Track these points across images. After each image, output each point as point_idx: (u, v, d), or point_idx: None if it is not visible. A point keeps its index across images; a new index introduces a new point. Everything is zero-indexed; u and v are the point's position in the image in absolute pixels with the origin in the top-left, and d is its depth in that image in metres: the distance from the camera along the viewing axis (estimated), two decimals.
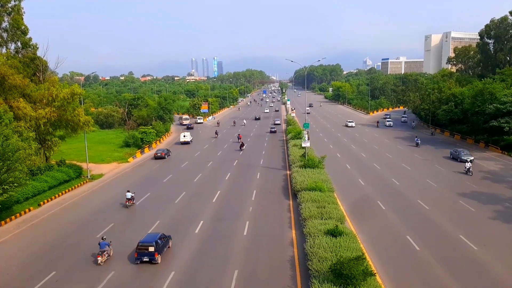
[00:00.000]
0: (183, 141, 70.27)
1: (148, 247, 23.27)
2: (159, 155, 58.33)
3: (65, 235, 28.67)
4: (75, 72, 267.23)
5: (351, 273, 17.73)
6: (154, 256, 23.23)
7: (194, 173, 46.62)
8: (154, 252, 23.25)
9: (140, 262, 23.28)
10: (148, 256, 23.24)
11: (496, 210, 31.45)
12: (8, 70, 40.64)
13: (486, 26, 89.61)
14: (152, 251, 23.18)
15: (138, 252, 23.39)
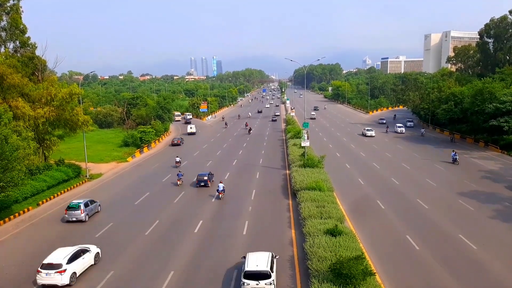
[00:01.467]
0: (190, 132, 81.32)
1: (204, 177, 39.77)
2: (175, 142, 68.13)
3: (64, 234, 28.59)
4: (74, 71, 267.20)
5: (351, 273, 17.69)
6: (207, 182, 39.67)
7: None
8: (207, 180, 39.69)
9: (199, 186, 39.53)
10: (204, 182, 39.50)
11: (496, 209, 31.42)
12: (6, 70, 40.57)
13: (486, 25, 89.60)
14: (206, 179, 39.68)
15: (198, 180, 39.89)
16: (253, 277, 18.80)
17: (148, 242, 26.55)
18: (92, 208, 32.42)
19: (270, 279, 18.83)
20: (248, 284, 18.67)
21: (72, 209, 30.81)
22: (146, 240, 26.90)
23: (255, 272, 18.96)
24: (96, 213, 33.06)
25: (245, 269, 19.23)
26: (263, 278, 18.76)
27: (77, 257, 21.95)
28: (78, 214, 30.75)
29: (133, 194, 38.38)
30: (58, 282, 20.57)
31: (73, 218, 30.76)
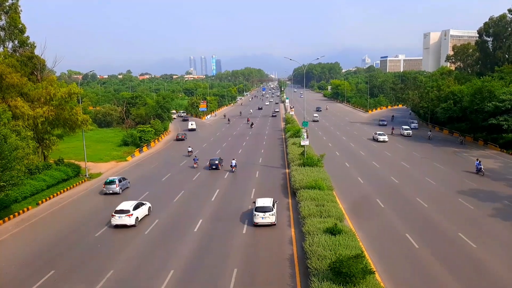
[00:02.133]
0: (190, 128, 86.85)
1: (215, 161, 47.33)
2: (180, 137, 73.31)
3: (64, 234, 28.58)
4: (73, 70, 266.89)
5: (350, 271, 17.71)
6: (218, 165, 47.19)
7: (192, 172, 46.96)
8: (218, 164, 47.25)
9: (211, 168, 46.97)
10: (215, 166, 47.03)
11: (495, 208, 31.46)
12: (5, 69, 40.54)
13: (485, 24, 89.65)
14: (217, 163, 47.17)
15: (210, 164, 47.41)
16: (261, 210, 28.31)
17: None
18: (124, 183, 40.37)
19: (272, 212, 28.35)
20: (258, 215, 28.15)
21: (109, 183, 38.81)
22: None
23: (262, 207, 28.61)
24: (126, 188, 40.40)
25: (256, 206, 28.80)
26: (268, 211, 28.19)
27: (138, 207, 30.58)
28: (114, 188, 38.69)
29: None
30: (127, 222, 29.25)
31: (110, 191, 38.70)
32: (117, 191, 38.37)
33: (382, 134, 65.97)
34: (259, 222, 28.08)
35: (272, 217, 28.11)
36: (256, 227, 28.25)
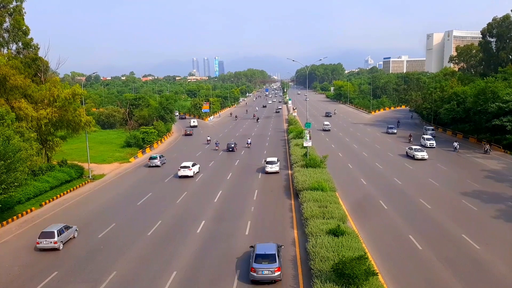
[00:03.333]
0: (192, 125, 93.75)
1: (231, 145, 60.29)
2: (188, 132, 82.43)
3: None
4: (76, 72, 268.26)
5: (353, 273, 17.66)
6: (234, 148, 59.54)
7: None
8: (233, 147, 59.56)
9: (228, 151, 59.19)
10: (231, 148, 59.50)
11: (499, 209, 31.31)
12: (9, 71, 40.72)
13: (488, 25, 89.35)
14: (233, 146, 59.82)
15: (228, 147, 59.98)
16: (263, 258, 20.84)
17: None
18: (163, 160, 53.17)
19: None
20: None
21: (152, 159, 51.58)
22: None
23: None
24: (164, 164, 52.56)
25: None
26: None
27: (195, 165, 46.48)
28: (156, 162, 51.21)
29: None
30: (188, 174, 44.31)
31: (153, 165, 51.03)
32: (158, 164, 51.26)
33: (420, 149, 52.33)
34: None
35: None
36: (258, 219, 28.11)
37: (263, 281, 20.38)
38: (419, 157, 50.86)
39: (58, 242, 26.03)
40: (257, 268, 20.24)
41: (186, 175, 44.24)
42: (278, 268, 20.33)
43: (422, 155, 51.12)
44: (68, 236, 27.56)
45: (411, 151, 52.62)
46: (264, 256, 20.77)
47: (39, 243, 26.11)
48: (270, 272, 20.17)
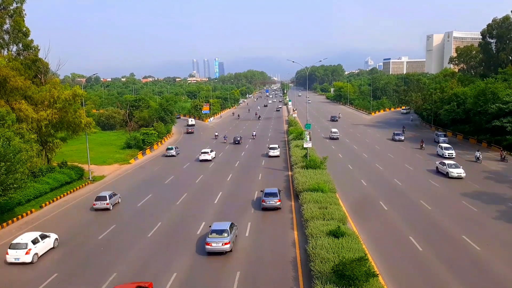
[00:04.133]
0: (190, 124, 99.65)
1: (238, 138, 70.16)
2: (190, 131, 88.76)
3: (67, 237, 28.62)
4: (76, 73, 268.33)
5: (354, 274, 17.64)
6: (239, 141, 68.87)
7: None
8: (239, 140, 69.32)
9: (235, 143, 68.42)
10: (237, 141, 68.88)
11: (499, 210, 31.30)
12: (9, 72, 40.74)
13: (488, 26, 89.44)
14: (239, 139, 69.56)
15: (234, 140, 69.48)
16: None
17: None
18: (178, 151, 61.44)
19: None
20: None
21: (169, 149, 60.34)
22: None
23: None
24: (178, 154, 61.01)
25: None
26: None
27: (212, 151, 56.12)
28: (172, 152, 59.78)
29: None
30: (207, 158, 54.14)
31: (169, 154, 59.92)
32: (174, 154, 59.77)
33: (455, 165, 42.56)
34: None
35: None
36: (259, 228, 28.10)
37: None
38: (454, 175, 41.15)
39: (109, 203, 33.85)
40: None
41: (206, 159, 54.31)
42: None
43: (458, 173, 41.25)
44: (115, 201, 35.42)
45: (443, 166, 43.19)
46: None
47: (95, 204, 33.77)
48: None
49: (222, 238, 23.96)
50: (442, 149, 53.69)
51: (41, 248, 24.98)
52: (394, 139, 68.25)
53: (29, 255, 23.77)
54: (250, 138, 74.70)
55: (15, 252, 23.76)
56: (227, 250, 23.91)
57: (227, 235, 24.14)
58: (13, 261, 23.76)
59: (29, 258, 23.75)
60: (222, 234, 24.23)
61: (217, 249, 23.87)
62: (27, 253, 23.75)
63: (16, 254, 23.74)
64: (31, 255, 23.85)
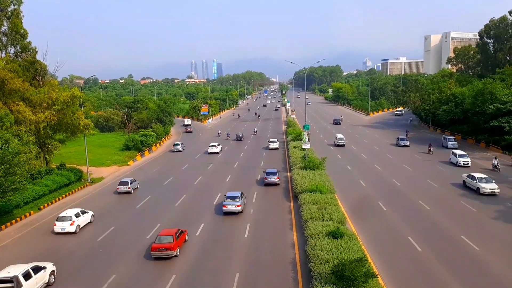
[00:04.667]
0: (187, 123, 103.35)
1: (240, 135, 74.65)
2: (189, 130, 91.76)
3: (66, 238, 28.58)
4: (74, 75, 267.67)
5: (353, 275, 17.64)
6: (241, 138, 73.55)
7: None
8: (241, 137, 73.47)
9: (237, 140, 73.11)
10: (240, 138, 73.00)
11: (498, 210, 31.36)
12: (7, 74, 40.67)
13: (486, 26, 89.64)
14: (241, 136, 73.93)
15: (237, 136, 73.88)
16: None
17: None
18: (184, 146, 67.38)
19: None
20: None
21: (176, 145, 65.74)
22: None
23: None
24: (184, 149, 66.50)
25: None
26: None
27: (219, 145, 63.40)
28: (179, 148, 65.20)
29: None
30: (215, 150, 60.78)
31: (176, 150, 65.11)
32: (180, 149, 64.87)
33: (487, 179, 36.67)
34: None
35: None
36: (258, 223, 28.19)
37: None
38: (486, 191, 35.16)
39: (131, 188, 39.58)
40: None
41: (214, 151, 60.82)
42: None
43: (491, 188, 35.25)
44: (136, 185, 41.05)
45: (473, 181, 37.02)
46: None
47: (119, 188, 39.49)
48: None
49: (235, 202, 31.73)
50: (456, 156, 47.88)
51: (82, 221, 30.21)
52: (398, 145, 63.00)
53: (73, 226, 28.98)
54: (252, 134, 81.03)
55: (62, 224, 28.85)
56: (239, 211, 31.66)
57: (238, 200, 31.90)
58: (59, 231, 28.88)
59: (73, 228, 28.95)
60: (234, 199, 31.97)
61: (232, 210, 31.63)
62: (71, 224, 28.94)
63: (62, 225, 28.82)
64: (74, 226, 29.08)
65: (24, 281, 19.31)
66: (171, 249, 23.78)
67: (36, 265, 21.02)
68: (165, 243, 23.94)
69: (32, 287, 19.68)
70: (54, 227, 29.05)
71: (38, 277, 20.39)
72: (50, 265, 22.00)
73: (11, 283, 18.60)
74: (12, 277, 18.91)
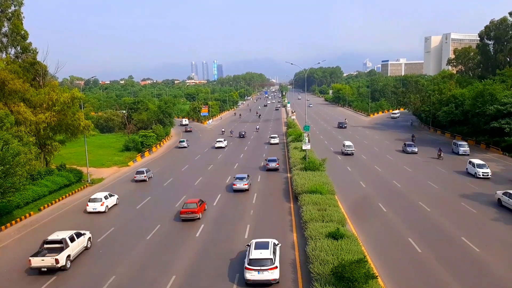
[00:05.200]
0: (184, 123, 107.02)
1: (243, 132, 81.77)
2: (188, 129, 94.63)
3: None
4: (75, 76, 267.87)
5: (353, 276, 17.63)
6: (244, 135, 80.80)
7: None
8: (244, 134, 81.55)
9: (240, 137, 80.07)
10: (242, 135, 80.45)
11: (498, 211, 31.32)
12: (8, 75, 40.71)
13: (486, 27, 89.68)
14: (244, 133, 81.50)
15: (239, 134, 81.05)
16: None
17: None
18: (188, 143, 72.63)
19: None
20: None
21: (181, 142, 71.94)
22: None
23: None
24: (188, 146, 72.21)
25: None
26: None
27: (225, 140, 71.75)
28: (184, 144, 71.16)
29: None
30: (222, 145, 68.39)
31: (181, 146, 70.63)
32: (185, 145, 70.33)
33: None
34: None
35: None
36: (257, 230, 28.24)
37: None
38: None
39: (146, 176, 45.49)
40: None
41: (221, 146, 68.09)
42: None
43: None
44: (150, 175, 46.38)
45: (510, 199, 31.32)
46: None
47: (136, 177, 45.28)
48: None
49: (242, 181, 39.11)
50: (474, 166, 42.85)
51: (110, 202, 35.51)
52: (406, 151, 57.61)
53: (103, 206, 34.32)
54: (254, 131, 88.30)
55: (93, 204, 34.30)
56: (246, 188, 38.94)
57: (245, 180, 39.34)
58: (91, 210, 34.21)
59: (103, 208, 34.28)
60: (242, 180, 39.30)
61: (240, 188, 38.84)
62: (102, 205, 34.28)
63: (93, 205, 34.23)
64: (104, 206, 34.41)
65: (70, 242, 24.05)
66: (196, 212, 30.93)
67: (78, 231, 25.95)
68: (190, 208, 30.93)
69: (75, 248, 24.55)
70: (87, 207, 34.41)
71: (79, 241, 25.31)
72: (88, 233, 26.97)
73: (60, 243, 23.53)
74: (61, 239, 23.82)
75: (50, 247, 23.33)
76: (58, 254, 22.52)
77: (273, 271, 20.16)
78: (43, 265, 22.29)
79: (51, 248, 23.24)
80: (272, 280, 20.18)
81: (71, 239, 24.26)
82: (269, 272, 20.05)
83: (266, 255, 20.73)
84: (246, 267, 20.42)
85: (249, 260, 20.62)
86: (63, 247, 23.18)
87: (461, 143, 56.57)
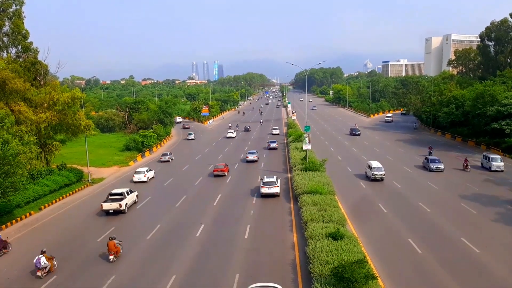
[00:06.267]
0: (178, 121, 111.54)
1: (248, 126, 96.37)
2: (186, 126, 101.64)
3: (66, 239, 28.62)
4: (76, 76, 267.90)
5: (353, 277, 17.64)
6: (249, 129, 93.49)
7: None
8: (249, 128, 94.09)
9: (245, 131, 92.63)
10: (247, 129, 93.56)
11: (498, 212, 31.34)
12: (9, 75, 40.73)
13: (487, 29, 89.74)
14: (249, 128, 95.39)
15: (245, 128, 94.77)
16: None
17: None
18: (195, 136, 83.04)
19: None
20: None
21: (189, 134, 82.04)
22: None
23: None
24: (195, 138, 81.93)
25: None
26: None
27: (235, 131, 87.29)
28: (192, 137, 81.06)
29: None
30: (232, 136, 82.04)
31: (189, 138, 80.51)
32: (193, 138, 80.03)
33: None
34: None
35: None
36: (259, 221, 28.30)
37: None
38: None
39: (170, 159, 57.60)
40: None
41: (231, 136, 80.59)
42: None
43: None
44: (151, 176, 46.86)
45: None
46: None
47: (162, 158, 57.91)
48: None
49: (253, 154, 54.41)
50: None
51: (150, 175, 46.09)
52: (430, 169, 45.43)
53: (146, 177, 44.69)
54: (258, 125, 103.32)
55: (138, 176, 44.56)
56: (255, 160, 53.83)
57: (255, 153, 54.81)
58: (137, 180, 44.35)
59: (146, 178, 44.67)
60: (253, 154, 54.54)
61: (252, 159, 53.88)
62: (145, 176, 44.59)
63: (138, 176, 44.54)
64: (147, 177, 44.82)
65: (127, 195, 34.15)
66: (224, 170, 46.26)
67: (130, 189, 35.75)
68: (220, 168, 46.39)
69: (130, 199, 34.56)
70: (133, 178, 44.46)
71: (132, 195, 35.44)
72: (136, 191, 37.05)
73: (121, 195, 33.66)
74: (122, 191, 34.03)
75: (113, 198, 33.21)
76: (120, 201, 32.56)
77: (276, 188, 36.47)
78: (111, 208, 32.33)
79: (113, 199, 33.15)
80: (275, 193, 36.32)
81: (127, 192, 34.26)
82: (274, 188, 36.33)
83: (272, 180, 37.19)
84: (261, 186, 36.71)
85: (263, 182, 37.00)
86: (123, 197, 33.18)
87: (493, 157, 45.00)
